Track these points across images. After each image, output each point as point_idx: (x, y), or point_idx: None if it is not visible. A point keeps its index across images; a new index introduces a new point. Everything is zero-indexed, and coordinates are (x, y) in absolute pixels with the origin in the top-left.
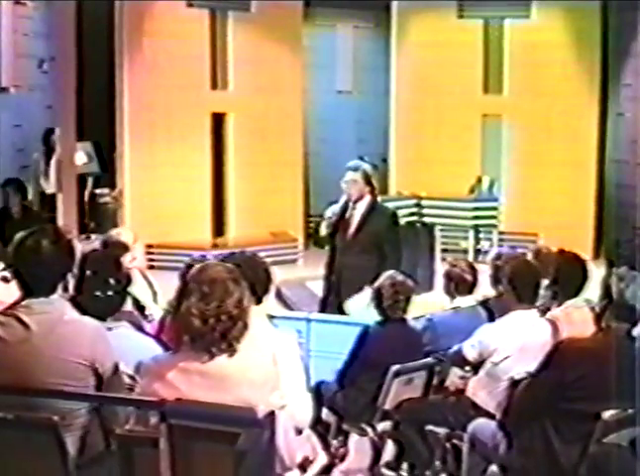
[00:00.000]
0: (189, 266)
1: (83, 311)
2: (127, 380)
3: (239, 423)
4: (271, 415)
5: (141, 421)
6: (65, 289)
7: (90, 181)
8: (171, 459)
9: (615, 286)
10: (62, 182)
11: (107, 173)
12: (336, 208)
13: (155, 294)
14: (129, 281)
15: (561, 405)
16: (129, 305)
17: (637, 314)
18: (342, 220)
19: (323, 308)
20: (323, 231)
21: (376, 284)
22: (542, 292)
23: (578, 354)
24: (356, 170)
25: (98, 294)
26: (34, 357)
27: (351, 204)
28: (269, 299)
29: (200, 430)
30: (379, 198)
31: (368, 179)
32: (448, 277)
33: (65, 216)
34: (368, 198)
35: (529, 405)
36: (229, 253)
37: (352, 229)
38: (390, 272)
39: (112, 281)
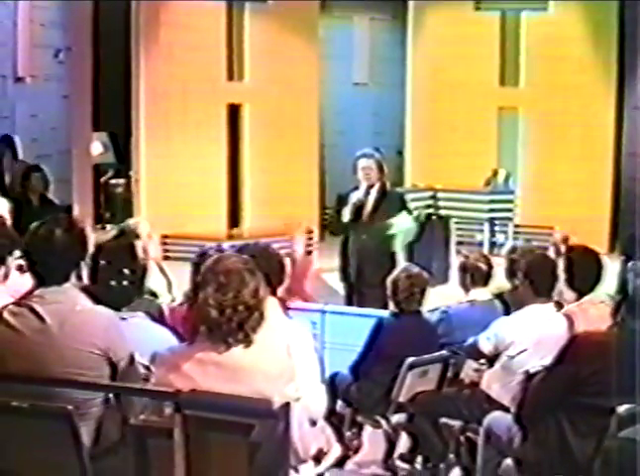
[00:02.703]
0: (201, 255)
1: (98, 301)
2: (142, 370)
3: (254, 415)
4: (286, 406)
5: (155, 412)
6: (79, 277)
7: (110, 173)
8: (186, 450)
9: (631, 281)
10: (78, 172)
11: (123, 163)
12: (360, 194)
13: (169, 284)
14: (144, 271)
15: (575, 399)
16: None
17: None
18: (360, 206)
19: (349, 303)
20: (346, 217)
21: (392, 276)
22: (559, 286)
23: (593, 348)
24: (369, 157)
25: (113, 283)
26: (47, 347)
27: (365, 191)
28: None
29: (215, 421)
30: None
31: (380, 167)
32: (463, 269)
33: (81, 206)
34: (378, 185)
35: (544, 398)
36: (243, 244)
37: (367, 214)
38: (405, 264)
39: (127, 271)
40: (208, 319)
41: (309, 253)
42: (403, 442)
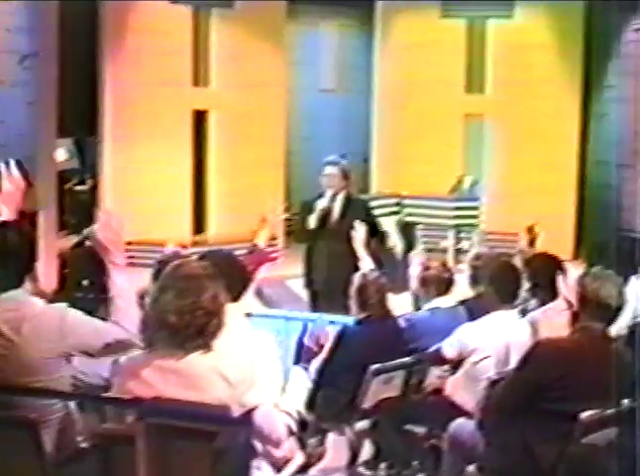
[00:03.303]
0: (161, 261)
1: None
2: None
3: (216, 422)
4: (249, 413)
5: (118, 420)
6: (35, 279)
7: (75, 180)
8: (149, 457)
9: (590, 285)
10: (42, 179)
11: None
12: (325, 202)
13: None
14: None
15: (538, 405)
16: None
17: (613, 313)
18: (325, 213)
19: (314, 310)
20: (312, 224)
21: (354, 283)
22: (523, 293)
23: (555, 355)
24: (334, 164)
25: (77, 295)
26: (6, 355)
27: (330, 198)
28: (248, 298)
29: (177, 429)
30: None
31: (345, 174)
32: (423, 278)
33: (45, 212)
34: (344, 192)
35: (507, 404)
36: (206, 251)
37: (332, 221)
38: (367, 270)
39: (85, 282)
40: (167, 325)
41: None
42: (367, 449)
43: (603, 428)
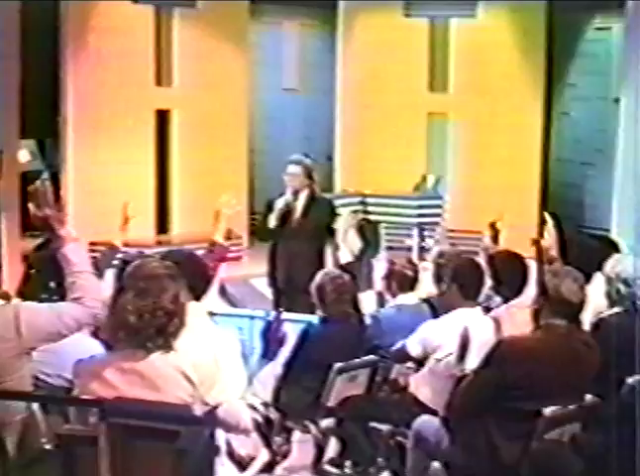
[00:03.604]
0: (125, 262)
1: None
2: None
3: (178, 421)
4: (211, 412)
5: (81, 420)
6: None
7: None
8: (111, 458)
9: (550, 282)
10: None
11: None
12: (284, 200)
13: None
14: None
15: (502, 403)
16: None
17: (574, 309)
18: (286, 212)
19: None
20: (272, 223)
21: (315, 281)
22: (486, 290)
23: (518, 353)
24: (297, 163)
25: (43, 296)
26: None
27: (292, 197)
28: (213, 297)
29: (140, 429)
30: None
31: (308, 173)
32: (388, 275)
33: (8, 214)
34: (307, 191)
35: (471, 402)
36: (167, 250)
37: (295, 220)
38: (328, 269)
39: (52, 284)
40: (127, 325)
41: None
42: (332, 447)
43: (566, 424)
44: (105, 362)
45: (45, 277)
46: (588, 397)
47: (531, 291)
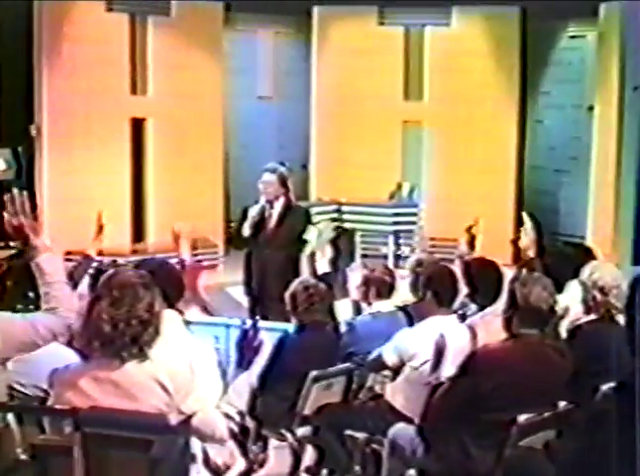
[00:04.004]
0: (99, 271)
1: None
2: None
3: (152, 430)
4: (186, 421)
5: (56, 431)
6: None
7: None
8: (86, 468)
9: (519, 291)
10: None
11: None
12: (258, 209)
13: None
14: None
15: (476, 414)
16: None
17: (545, 317)
18: (261, 221)
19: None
20: (246, 232)
21: (290, 289)
22: (461, 297)
23: (492, 364)
24: (272, 171)
25: (19, 307)
26: None
27: (267, 205)
28: (187, 305)
29: (114, 438)
30: (297, 202)
31: (283, 181)
32: (365, 282)
33: None
34: (283, 199)
35: (445, 411)
36: (141, 259)
37: (270, 228)
38: (303, 277)
39: (31, 294)
40: (101, 334)
41: (200, 261)
42: (309, 455)
43: (540, 431)
44: (80, 371)
45: (22, 287)
46: (562, 404)
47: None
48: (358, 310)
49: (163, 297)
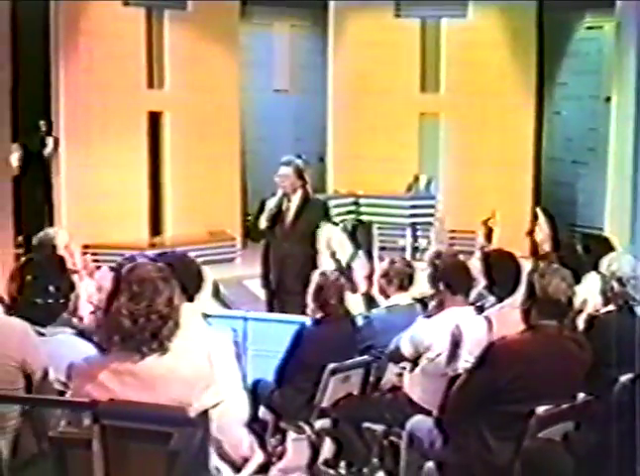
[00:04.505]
0: (120, 265)
1: (22, 318)
2: (58, 386)
3: (171, 423)
4: (204, 414)
5: (74, 423)
6: None
7: None
8: (105, 460)
9: (537, 282)
10: None
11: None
12: (275, 201)
13: None
14: (71, 287)
15: (494, 404)
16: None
17: (563, 308)
18: (279, 213)
19: (270, 309)
20: (263, 224)
21: (311, 282)
22: (479, 289)
23: (510, 355)
24: (288, 164)
25: (35, 300)
26: None
27: (285, 198)
28: (206, 298)
29: (133, 431)
30: (314, 194)
31: (300, 174)
32: (385, 274)
33: (0, 217)
34: (300, 192)
35: (463, 402)
36: (160, 253)
37: (288, 221)
38: (324, 269)
39: (51, 288)
40: (121, 329)
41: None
42: (327, 448)
43: (559, 423)
44: (99, 364)
45: (42, 281)
46: (581, 395)
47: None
48: (369, 304)
49: (182, 291)
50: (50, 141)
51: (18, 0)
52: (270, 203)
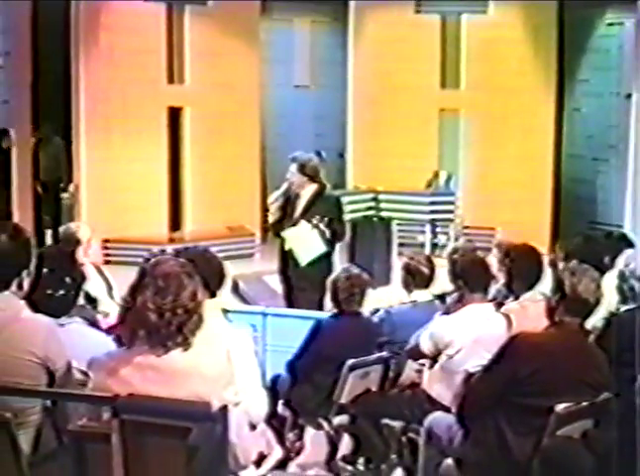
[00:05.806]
0: (147, 260)
1: (36, 309)
2: (79, 376)
3: (191, 418)
4: (224, 409)
5: (94, 417)
6: (20, 286)
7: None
8: (124, 454)
9: (567, 280)
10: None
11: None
12: (277, 194)
13: (110, 288)
14: (83, 278)
15: (514, 399)
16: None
17: (589, 308)
18: (288, 207)
19: (289, 305)
20: (271, 218)
21: (332, 277)
22: (498, 285)
23: (531, 349)
24: (292, 160)
25: (51, 292)
26: None
27: (292, 192)
28: (226, 294)
29: (152, 425)
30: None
31: (302, 170)
32: (406, 270)
33: (20, 210)
34: (311, 187)
35: (482, 398)
36: (182, 248)
37: (296, 216)
38: (346, 265)
39: (68, 279)
40: (147, 323)
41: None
42: (345, 444)
43: (578, 420)
44: (122, 359)
45: (58, 273)
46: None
47: (542, 285)
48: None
49: (204, 287)
50: None
51: None
52: (274, 196)
